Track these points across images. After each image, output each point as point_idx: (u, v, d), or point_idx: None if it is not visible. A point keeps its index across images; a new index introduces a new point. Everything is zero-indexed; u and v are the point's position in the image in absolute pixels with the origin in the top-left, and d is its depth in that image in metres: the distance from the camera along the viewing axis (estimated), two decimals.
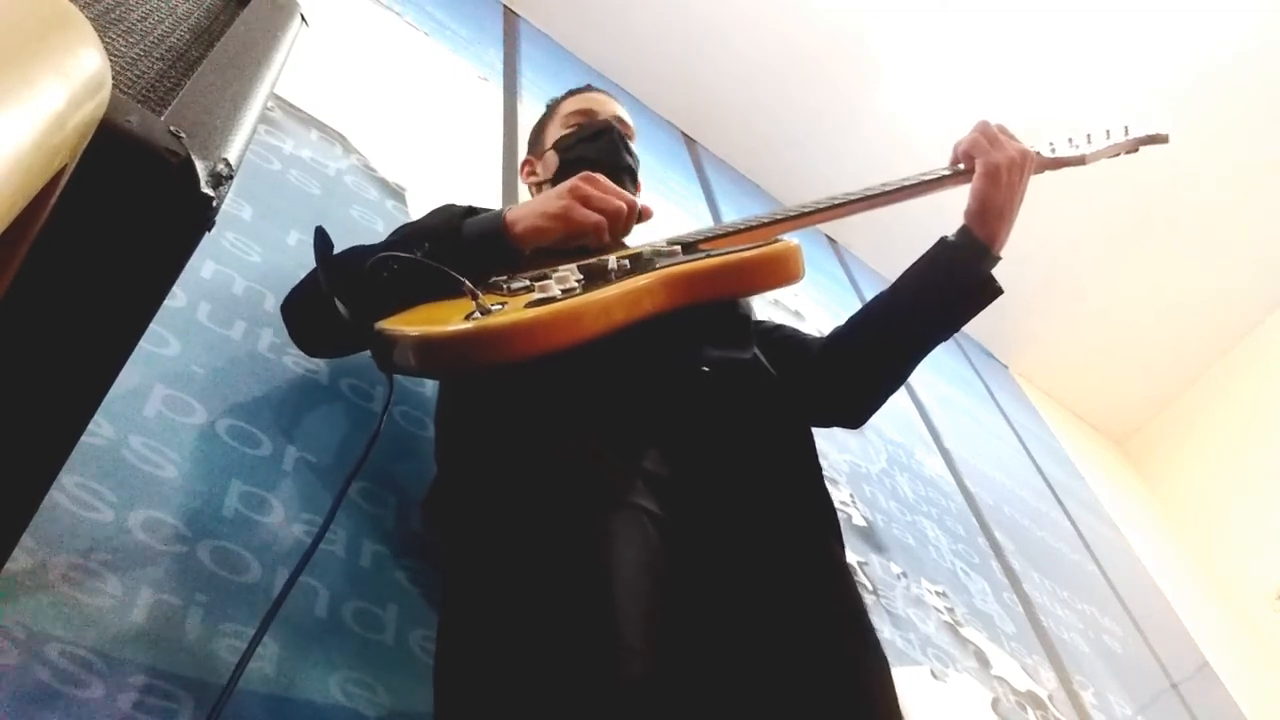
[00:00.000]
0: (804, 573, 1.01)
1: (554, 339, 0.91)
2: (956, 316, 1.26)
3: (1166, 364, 4.30)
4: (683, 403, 1.09)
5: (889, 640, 1.77)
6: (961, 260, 1.21)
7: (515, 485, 0.97)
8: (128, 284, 0.62)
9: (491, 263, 1.06)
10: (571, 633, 0.82)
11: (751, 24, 3.40)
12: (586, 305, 0.94)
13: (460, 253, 1.03)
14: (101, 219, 0.57)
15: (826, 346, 1.32)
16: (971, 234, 1.20)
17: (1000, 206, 1.19)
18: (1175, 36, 3.61)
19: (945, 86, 3.59)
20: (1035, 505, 3.03)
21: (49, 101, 0.42)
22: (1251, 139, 3.76)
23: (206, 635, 0.92)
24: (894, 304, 1.27)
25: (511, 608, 0.86)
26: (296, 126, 1.74)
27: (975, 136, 1.22)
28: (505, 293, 1.00)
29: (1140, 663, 2.63)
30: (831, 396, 1.31)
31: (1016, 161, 1.20)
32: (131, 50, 0.67)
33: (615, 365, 1.03)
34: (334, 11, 2.20)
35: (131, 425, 1.04)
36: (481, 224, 1.07)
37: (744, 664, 0.92)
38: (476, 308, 0.92)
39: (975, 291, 1.23)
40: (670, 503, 0.99)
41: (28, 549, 0.86)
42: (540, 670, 0.80)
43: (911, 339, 1.27)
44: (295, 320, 1.20)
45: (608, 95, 1.56)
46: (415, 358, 0.93)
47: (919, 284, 1.25)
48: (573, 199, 1.06)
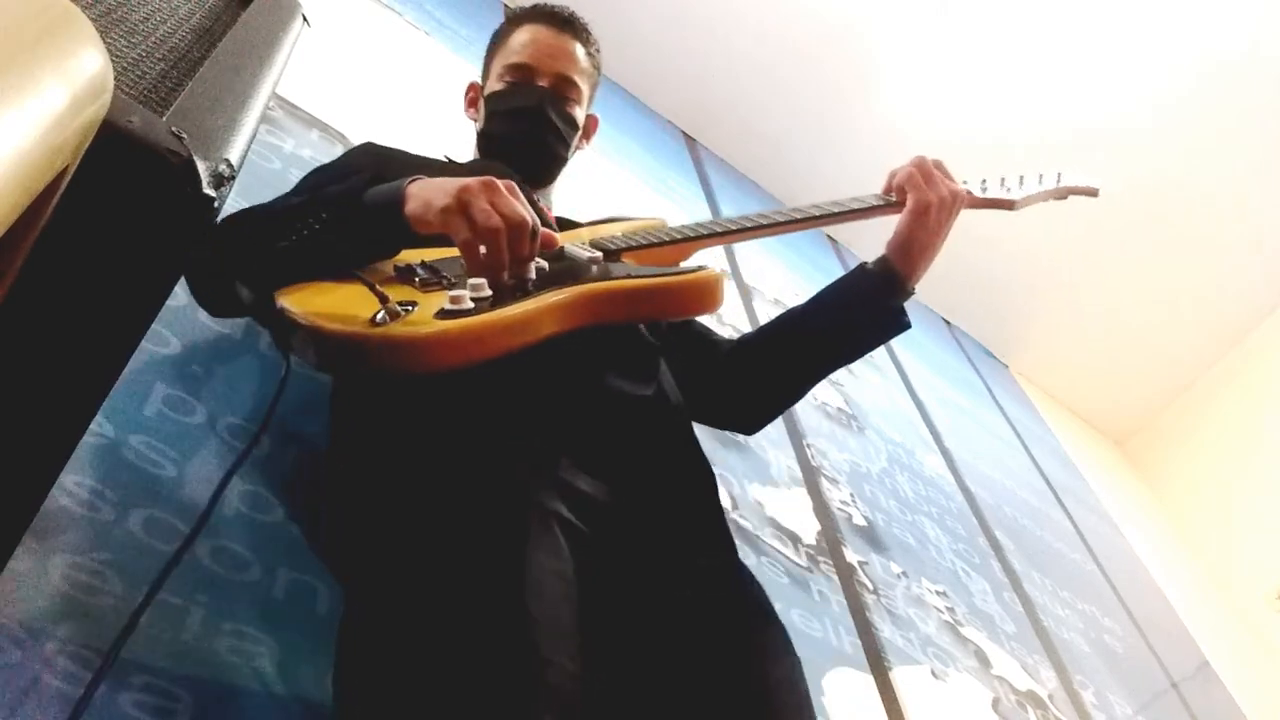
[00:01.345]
0: (705, 578, 1.02)
1: (460, 355, 0.88)
2: (862, 343, 1.28)
3: (1166, 364, 4.30)
4: (588, 426, 1.06)
5: (889, 640, 1.77)
6: (876, 291, 1.22)
7: (421, 482, 0.94)
8: (129, 284, 0.62)
9: (387, 236, 0.97)
10: (487, 641, 0.80)
11: (752, 24, 3.40)
12: (496, 323, 0.89)
13: (358, 224, 0.95)
14: (103, 220, 0.57)
15: (733, 352, 1.32)
16: (891, 266, 1.21)
17: (924, 243, 1.19)
18: (1175, 37, 3.61)
19: (945, 87, 3.59)
20: (1035, 505, 3.03)
21: (51, 102, 0.42)
22: (1252, 139, 3.76)
23: (206, 635, 0.92)
24: (804, 323, 1.28)
25: (422, 614, 0.83)
26: (297, 126, 1.74)
27: (911, 171, 1.21)
28: (416, 286, 0.95)
29: (1140, 662, 2.63)
30: (730, 402, 1.32)
31: (946, 201, 1.19)
32: (133, 51, 0.67)
33: (522, 376, 0.99)
34: (335, 12, 2.20)
35: (131, 425, 1.04)
36: (382, 194, 0.96)
37: (652, 669, 0.92)
38: (384, 310, 0.87)
39: (884, 323, 1.24)
40: (582, 512, 0.98)
41: (28, 549, 0.86)
42: (454, 681, 0.78)
43: (815, 358, 1.28)
44: (197, 279, 1.06)
45: (561, 33, 1.40)
46: (313, 350, 0.88)
47: (831, 307, 1.26)
48: (456, 201, 0.91)
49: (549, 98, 1.35)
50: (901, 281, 1.20)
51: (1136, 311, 4.13)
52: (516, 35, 1.40)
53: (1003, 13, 3.53)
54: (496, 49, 1.44)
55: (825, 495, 2.05)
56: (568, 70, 1.38)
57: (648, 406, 1.12)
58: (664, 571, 1.00)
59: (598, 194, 2.34)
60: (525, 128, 1.34)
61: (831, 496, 2.06)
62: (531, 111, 1.34)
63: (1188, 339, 4.24)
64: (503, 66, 1.39)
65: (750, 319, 2.40)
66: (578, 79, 1.39)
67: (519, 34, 1.40)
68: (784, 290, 2.78)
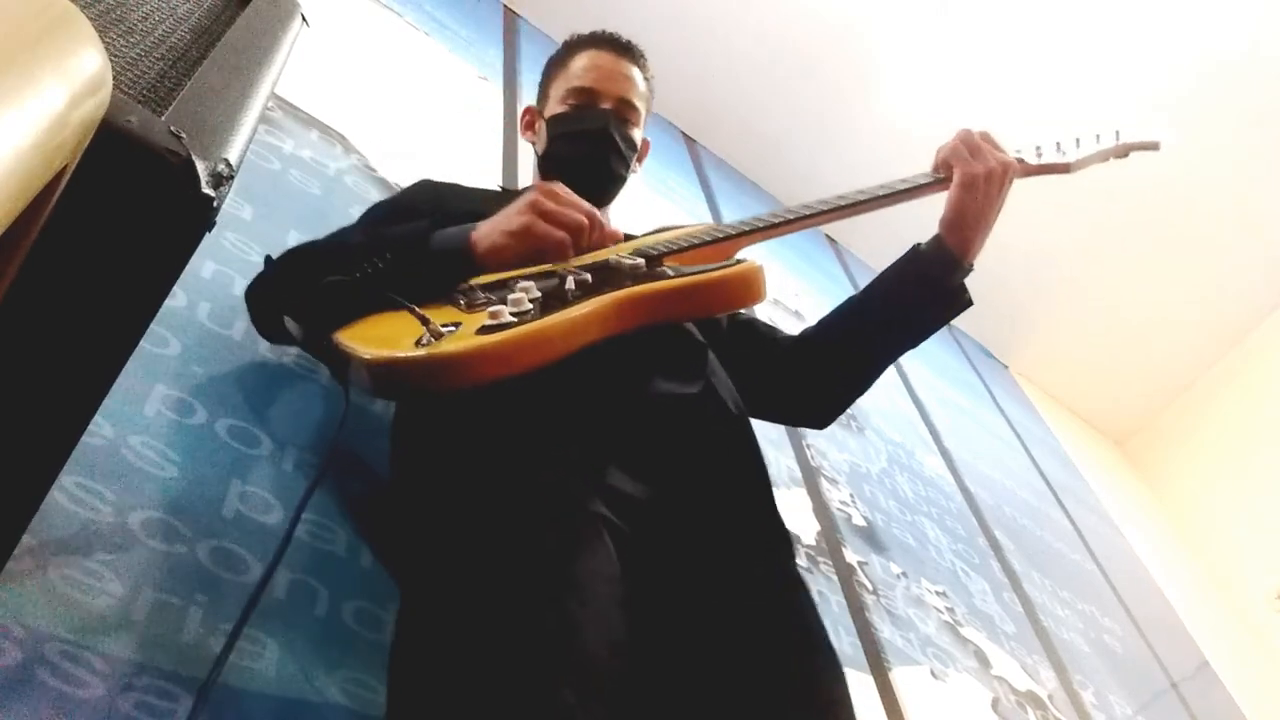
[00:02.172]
0: (760, 591, 1.02)
1: (503, 367, 0.90)
2: (925, 326, 1.26)
3: (1166, 364, 4.30)
4: (634, 430, 1.06)
5: (889, 640, 1.77)
6: (932, 270, 1.20)
7: (474, 494, 0.96)
8: (128, 284, 0.62)
9: (453, 278, 1.03)
10: (532, 643, 0.81)
11: (752, 24, 3.40)
12: (538, 333, 0.92)
13: (424, 267, 1.02)
14: (102, 219, 0.57)
15: (795, 347, 1.31)
16: (944, 244, 1.19)
17: (975, 217, 1.18)
18: (1176, 37, 3.61)
19: (945, 87, 3.59)
20: (1035, 505, 3.03)
21: (49, 102, 0.42)
22: (1252, 139, 3.76)
23: (206, 635, 0.92)
24: (863, 310, 1.28)
25: (473, 620, 0.85)
26: (297, 126, 1.74)
27: (956, 144, 1.21)
28: (462, 308, 0.98)
29: (1140, 662, 2.63)
30: (798, 397, 1.31)
31: (996, 172, 1.18)
32: (132, 50, 0.67)
33: (569, 385, 1.00)
34: (334, 11, 2.20)
35: (131, 425, 1.04)
36: (448, 240, 1.05)
37: (701, 679, 0.92)
38: (427, 331, 0.90)
39: (944, 302, 1.22)
40: (630, 517, 0.98)
41: (28, 549, 0.86)
42: (500, 681, 0.79)
43: (879, 346, 1.27)
44: (257, 312, 1.18)
45: (620, 58, 1.44)
46: (368, 378, 0.92)
47: (888, 291, 1.25)
48: (533, 214, 1.03)
49: (613, 120, 1.38)
50: (957, 258, 1.18)
51: (1136, 311, 4.13)
52: (577, 60, 1.44)
53: (1003, 13, 3.53)
54: (556, 73, 1.47)
55: (825, 495, 2.05)
56: (628, 94, 1.41)
57: (694, 405, 1.12)
58: (713, 579, 1.00)
59: (626, 217, 2.34)
60: (590, 149, 1.37)
61: (831, 497, 2.06)
62: (597, 134, 1.37)
63: (1188, 339, 4.24)
64: (565, 90, 1.42)
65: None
66: (637, 102, 1.43)
67: (579, 59, 1.44)
68: (784, 291, 2.78)
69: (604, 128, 1.37)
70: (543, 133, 1.43)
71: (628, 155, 1.41)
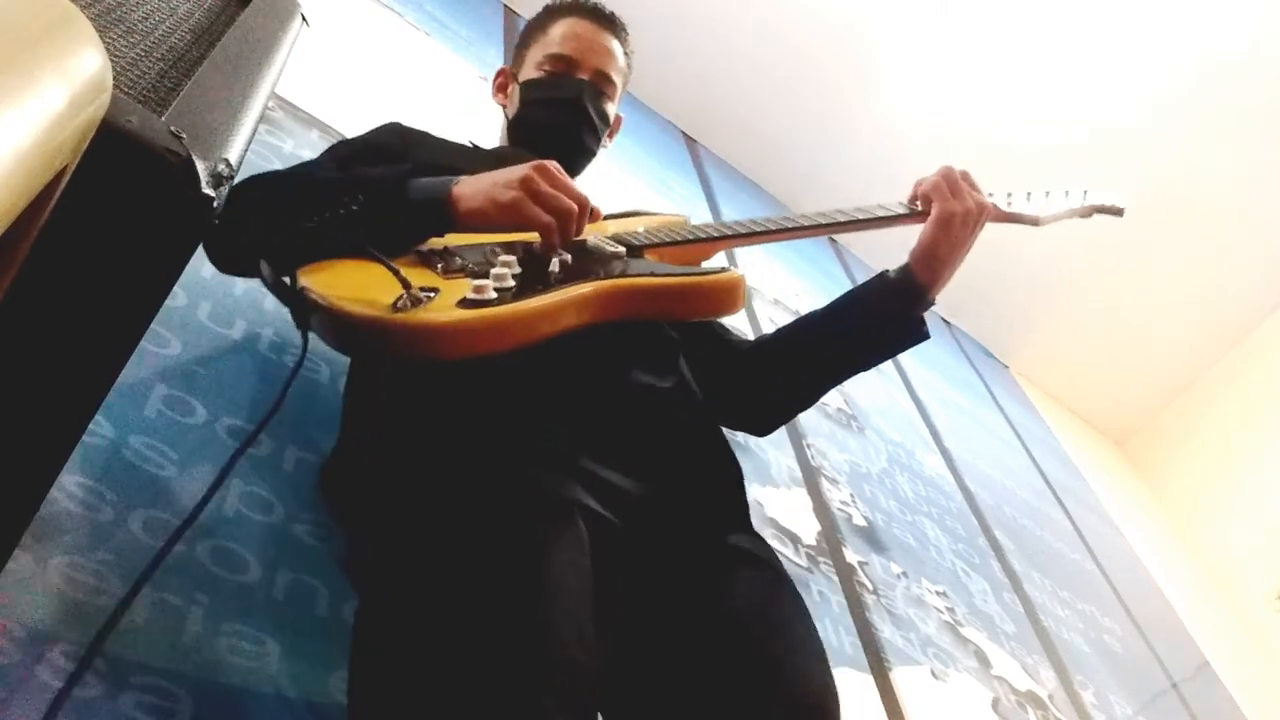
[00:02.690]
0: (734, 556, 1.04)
1: (479, 345, 0.88)
2: (880, 351, 1.27)
3: (1166, 364, 4.30)
4: (612, 418, 1.06)
5: (889, 640, 1.77)
6: (896, 300, 1.21)
7: (439, 473, 0.94)
8: (128, 284, 0.62)
9: (428, 230, 0.99)
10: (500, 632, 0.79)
11: (752, 24, 3.40)
12: (518, 314, 0.90)
13: (397, 215, 0.96)
14: (102, 219, 0.57)
15: (750, 354, 1.31)
16: (912, 275, 1.19)
17: (946, 254, 1.18)
18: (1176, 37, 3.61)
19: (945, 87, 3.59)
20: (1035, 505, 3.03)
21: (49, 102, 0.42)
22: (1252, 139, 3.76)
23: (206, 635, 0.92)
24: (823, 328, 1.28)
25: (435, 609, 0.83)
26: (297, 126, 1.74)
27: (938, 180, 1.20)
28: (439, 272, 0.94)
29: (1140, 663, 2.63)
30: (743, 403, 1.31)
31: (972, 213, 1.19)
32: (132, 51, 0.67)
33: (541, 368, 0.99)
34: (334, 11, 2.20)
35: (131, 425, 1.04)
36: (426, 190, 0.98)
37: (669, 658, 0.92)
38: (406, 295, 0.87)
39: (903, 331, 1.23)
40: (610, 505, 0.98)
41: (28, 549, 0.86)
42: (465, 671, 0.78)
43: (831, 364, 1.28)
44: (213, 239, 1.03)
45: (601, 29, 1.41)
46: (331, 332, 0.88)
47: (851, 314, 1.26)
48: (524, 191, 0.97)
49: (588, 90, 1.36)
50: (922, 291, 1.19)
51: (1136, 311, 4.13)
52: (557, 26, 1.41)
53: (1003, 13, 3.53)
54: (534, 37, 1.44)
55: (825, 495, 2.05)
56: (606, 66, 1.39)
57: (671, 398, 1.12)
58: (690, 549, 1.01)
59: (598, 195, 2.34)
60: (561, 118, 1.35)
61: (831, 497, 2.06)
62: (570, 103, 1.35)
63: (1188, 339, 4.24)
64: (542, 56, 1.39)
65: (750, 320, 2.40)
66: (614, 76, 1.41)
67: (559, 25, 1.41)
68: (784, 291, 2.78)
69: (578, 97, 1.35)
70: (515, 96, 1.41)
71: (599, 129, 1.39)
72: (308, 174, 1.09)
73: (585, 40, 1.39)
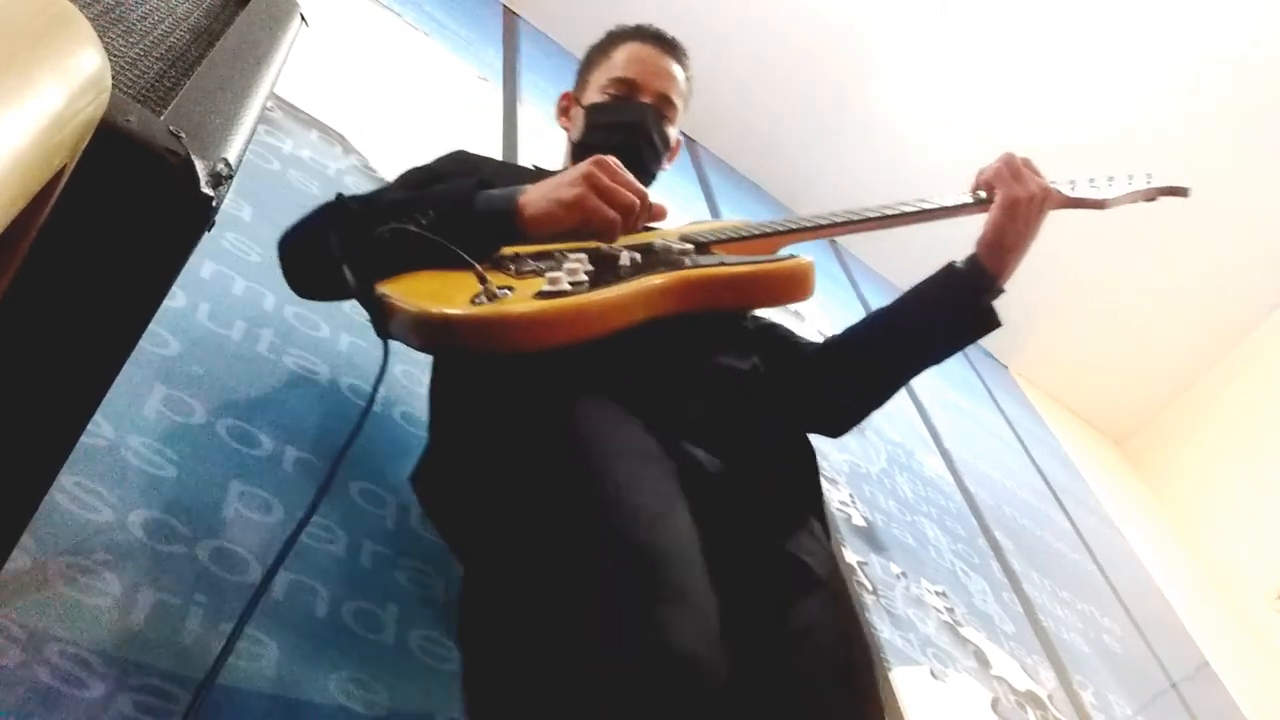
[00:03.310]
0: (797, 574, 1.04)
1: (558, 334, 0.91)
2: (952, 343, 1.27)
3: (1166, 364, 4.30)
4: (698, 399, 1.09)
5: (889, 640, 1.77)
6: (966, 289, 1.21)
7: (529, 456, 0.98)
8: (128, 284, 0.62)
9: (498, 244, 1.03)
10: (616, 566, 0.83)
11: (752, 24, 3.40)
12: (595, 303, 0.94)
13: (467, 227, 1.00)
14: (101, 219, 0.57)
15: (820, 354, 1.31)
16: (980, 264, 1.20)
17: (1014, 240, 1.19)
18: (1176, 37, 3.60)
19: (945, 87, 3.59)
20: (1035, 505, 3.03)
21: (48, 101, 0.42)
22: (1252, 139, 3.76)
23: (206, 635, 0.92)
24: (892, 324, 1.28)
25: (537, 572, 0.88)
26: (296, 126, 1.74)
27: (999, 167, 1.21)
28: (513, 274, 0.98)
29: (1140, 662, 2.63)
30: (816, 404, 1.30)
31: (1037, 197, 1.19)
32: (131, 50, 0.67)
33: (624, 356, 1.02)
34: (334, 11, 2.20)
35: (131, 425, 1.04)
36: (493, 201, 1.04)
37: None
38: (483, 291, 0.91)
39: (975, 322, 1.23)
40: (699, 483, 1.00)
41: (28, 549, 0.86)
42: (599, 606, 0.81)
43: (904, 360, 1.27)
44: (294, 264, 1.15)
45: (664, 53, 1.44)
46: (416, 333, 0.92)
47: (920, 307, 1.25)
48: (587, 187, 1.02)
49: (651, 114, 1.39)
50: (991, 280, 1.20)
51: (1136, 311, 4.13)
52: (620, 51, 1.44)
53: (1003, 13, 3.53)
54: (597, 62, 1.47)
55: (825, 495, 2.05)
56: (668, 90, 1.42)
57: (750, 378, 1.15)
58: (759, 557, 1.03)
59: None
60: (625, 140, 1.36)
61: (831, 497, 2.06)
62: (634, 125, 1.37)
63: (1188, 339, 4.24)
64: (606, 79, 1.42)
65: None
66: (676, 99, 1.43)
67: (623, 50, 1.44)
68: None
69: (642, 120, 1.37)
70: (579, 120, 1.43)
71: (661, 152, 1.41)
72: (375, 197, 1.14)
73: (649, 64, 1.42)
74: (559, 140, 1.51)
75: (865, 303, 3.26)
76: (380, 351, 0.94)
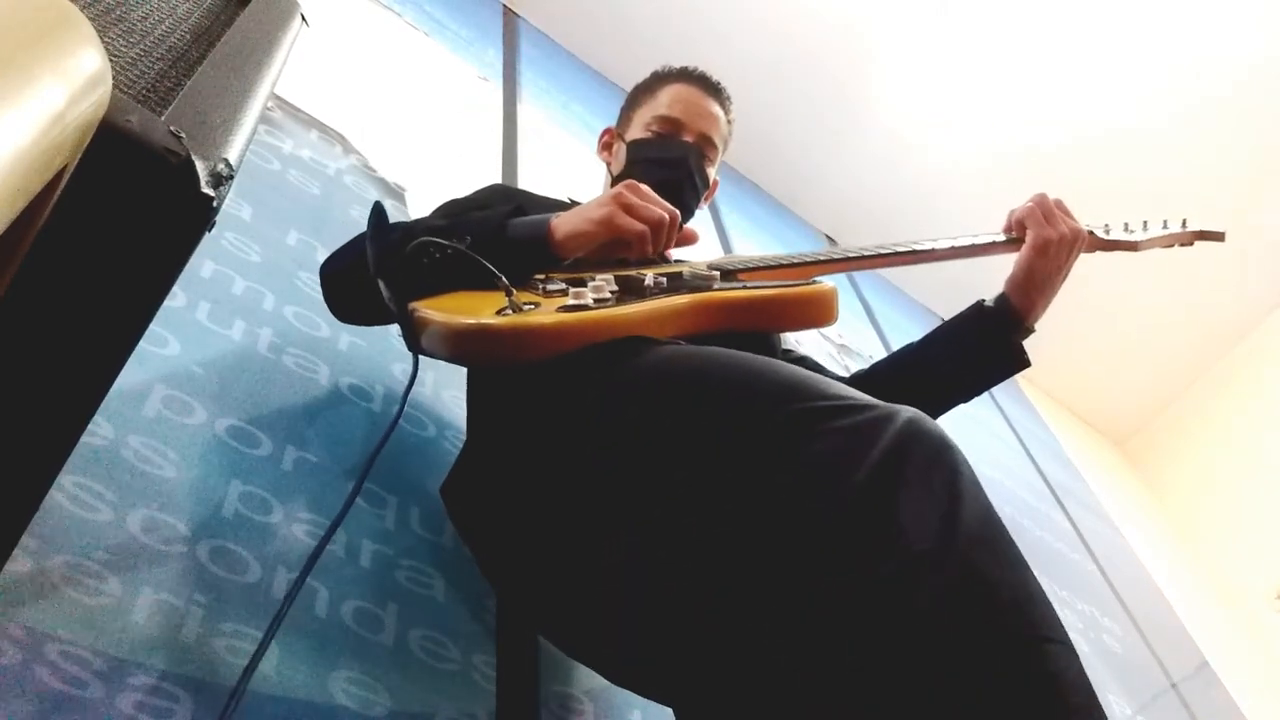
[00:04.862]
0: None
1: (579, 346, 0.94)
2: (982, 382, 1.29)
3: (1166, 364, 4.30)
4: None
5: None
6: (996, 329, 1.23)
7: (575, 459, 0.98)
8: (128, 284, 0.62)
9: (531, 267, 1.08)
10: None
11: (752, 24, 3.40)
12: (616, 318, 0.96)
13: (501, 250, 1.04)
14: (101, 219, 0.57)
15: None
16: (1009, 303, 1.21)
17: (1044, 281, 1.20)
18: (1176, 38, 3.61)
19: (945, 87, 3.59)
20: (1035, 505, 3.03)
21: (49, 101, 0.42)
22: (1251, 139, 3.76)
23: (206, 635, 0.92)
24: (921, 360, 1.30)
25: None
26: (296, 126, 1.74)
27: (1031, 207, 1.23)
28: (540, 293, 1.02)
29: (1140, 663, 2.63)
30: None
31: (1068, 239, 1.20)
32: (131, 50, 0.67)
33: None
34: (334, 11, 2.20)
35: (131, 425, 1.04)
36: (526, 228, 1.08)
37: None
38: (509, 304, 0.94)
39: (1005, 361, 1.25)
40: None
41: (28, 549, 0.86)
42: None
43: (935, 396, 1.29)
44: (334, 289, 1.22)
45: (708, 95, 1.48)
46: (444, 344, 0.96)
47: (949, 345, 1.27)
48: (616, 205, 1.06)
49: (693, 153, 1.41)
50: (1020, 318, 1.21)
51: (1137, 312, 4.13)
52: (665, 91, 1.48)
53: (1003, 13, 3.53)
54: (642, 100, 1.50)
55: None
56: (711, 131, 1.45)
57: None
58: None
59: None
60: (666, 178, 1.38)
61: None
62: (676, 162, 1.40)
63: (1188, 339, 4.24)
64: (651, 117, 1.45)
65: None
66: (717, 141, 1.47)
67: (668, 90, 1.48)
68: None
69: (684, 158, 1.40)
70: (620, 154, 1.47)
71: (700, 190, 1.44)
72: (413, 224, 1.17)
73: (693, 105, 1.46)
74: (559, 140, 1.52)
75: (867, 306, 3.26)
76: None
